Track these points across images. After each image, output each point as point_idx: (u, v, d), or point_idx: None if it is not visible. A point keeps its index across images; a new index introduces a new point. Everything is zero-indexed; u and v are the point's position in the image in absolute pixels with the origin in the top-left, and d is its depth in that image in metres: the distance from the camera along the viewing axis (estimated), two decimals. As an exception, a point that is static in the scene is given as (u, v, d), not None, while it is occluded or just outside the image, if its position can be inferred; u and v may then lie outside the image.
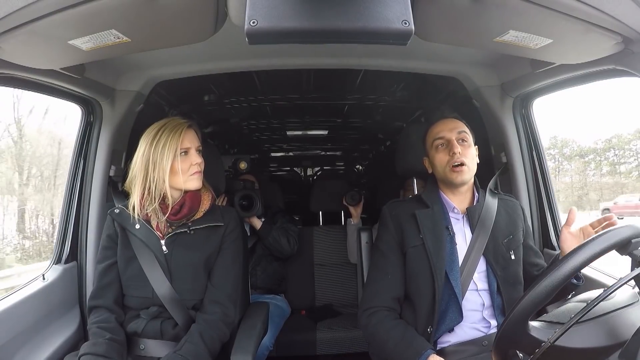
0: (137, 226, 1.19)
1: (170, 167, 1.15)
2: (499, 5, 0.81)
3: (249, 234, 1.96)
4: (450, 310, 1.12)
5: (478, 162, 1.22)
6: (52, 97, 1.28)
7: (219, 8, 0.84)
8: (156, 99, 1.82)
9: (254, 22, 0.64)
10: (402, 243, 1.19)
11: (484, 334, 1.13)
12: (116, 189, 1.52)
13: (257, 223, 2.02)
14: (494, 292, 1.14)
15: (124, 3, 0.77)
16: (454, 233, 1.17)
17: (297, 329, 2.06)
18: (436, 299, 1.10)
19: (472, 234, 1.17)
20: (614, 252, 0.74)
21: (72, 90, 1.29)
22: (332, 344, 2.01)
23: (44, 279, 1.31)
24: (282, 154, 4.06)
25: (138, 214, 1.18)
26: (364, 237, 1.52)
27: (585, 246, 0.71)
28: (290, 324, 2.04)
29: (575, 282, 1.11)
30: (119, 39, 0.88)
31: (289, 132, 3.02)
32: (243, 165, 2.10)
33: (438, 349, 1.13)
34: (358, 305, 1.27)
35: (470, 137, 1.20)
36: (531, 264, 1.24)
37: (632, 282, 0.72)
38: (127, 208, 1.20)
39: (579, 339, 0.70)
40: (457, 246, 1.16)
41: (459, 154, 1.15)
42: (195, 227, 1.21)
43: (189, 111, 2.13)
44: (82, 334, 1.38)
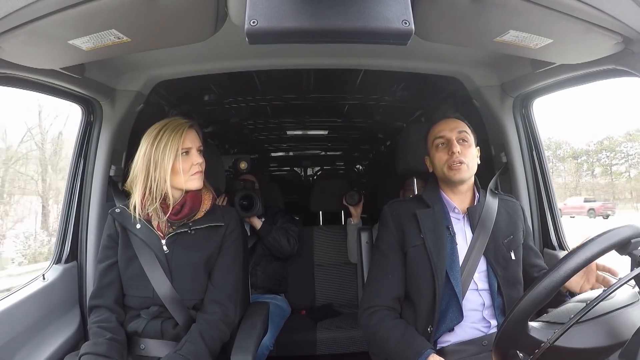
0: (138, 226, 1.19)
1: (172, 167, 1.15)
2: (499, 5, 0.81)
3: (249, 234, 1.96)
4: (450, 310, 1.12)
5: (479, 163, 1.22)
6: (53, 97, 1.28)
7: (219, 8, 0.84)
8: (156, 99, 1.82)
9: (254, 22, 0.64)
10: (403, 243, 1.20)
11: (484, 334, 1.13)
12: (116, 188, 1.52)
13: (257, 223, 2.02)
14: (494, 292, 1.14)
15: (124, 3, 0.77)
16: (454, 233, 1.17)
17: (297, 329, 2.06)
18: (436, 298, 1.10)
19: (473, 234, 1.17)
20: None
21: (72, 90, 1.29)
22: (332, 344, 2.01)
23: (44, 278, 1.31)
24: (282, 153, 4.06)
25: (139, 214, 1.18)
26: (364, 237, 1.52)
27: (585, 246, 0.71)
28: (290, 323, 2.04)
29: None
30: (119, 38, 0.88)
31: (289, 132, 3.02)
32: (243, 165, 2.10)
33: (438, 348, 1.13)
34: (358, 305, 1.27)
35: (471, 138, 1.20)
36: (531, 264, 1.24)
37: (632, 282, 0.72)
38: (128, 208, 1.20)
39: (579, 339, 0.70)
40: (458, 246, 1.16)
41: (457, 153, 1.15)
42: (196, 227, 1.21)
43: (189, 111, 2.13)
44: (82, 334, 1.38)
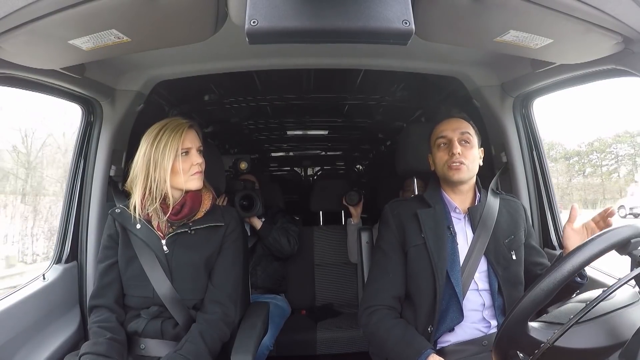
0: (138, 226, 1.19)
1: (172, 167, 1.15)
2: (499, 5, 0.81)
3: (249, 234, 1.95)
4: (450, 309, 1.12)
5: (481, 164, 1.21)
6: (53, 97, 1.28)
7: (219, 8, 0.83)
8: (156, 99, 1.82)
9: (254, 22, 0.64)
10: (404, 242, 1.19)
11: (484, 334, 1.13)
12: (116, 188, 1.52)
13: (258, 223, 2.01)
14: (494, 292, 1.14)
15: (124, 3, 0.77)
16: (455, 233, 1.17)
17: (297, 328, 2.05)
18: (437, 298, 1.10)
19: (474, 233, 1.17)
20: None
21: (72, 90, 1.28)
22: (332, 344, 2.01)
23: (44, 278, 1.31)
24: (282, 153, 4.06)
25: (139, 214, 1.18)
26: (364, 237, 1.52)
27: (584, 246, 0.71)
28: (290, 323, 2.04)
29: (580, 280, 1.11)
30: (119, 38, 0.88)
31: (289, 132, 3.02)
32: (243, 165, 2.10)
33: (438, 348, 1.13)
34: (358, 305, 1.27)
35: (474, 139, 1.20)
36: (534, 263, 1.23)
37: (632, 282, 0.72)
38: (128, 208, 1.20)
39: (579, 339, 0.70)
40: (459, 246, 1.16)
41: (458, 154, 1.15)
42: (196, 227, 1.21)
43: (189, 111, 2.13)
44: (82, 334, 1.38)
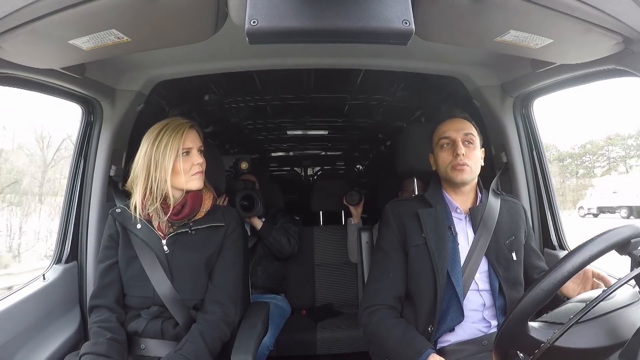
0: (139, 226, 1.19)
1: (172, 167, 1.15)
2: (499, 5, 0.81)
3: (249, 234, 1.96)
4: (451, 309, 1.12)
5: (483, 165, 1.21)
6: (53, 97, 1.28)
7: (219, 8, 0.83)
8: (156, 99, 1.82)
9: (254, 22, 0.65)
10: (405, 242, 1.19)
11: (484, 334, 1.13)
12: (117, 188, 1.52)
13: (258, 223, 2.01)
14: (495, 293, 1.14)
15: (124, 3, 0.77)
16: (456, 233, 1.17)
17: (297, 329, 2.06)
18: (437, 298, 1.10)
19: (475, 234, 1.17)
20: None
21: (72, 90, 1.28)
22: (332, 344, 2.01)
23: (44, 278, 1.31)
24: (282, 153, 4.06)
25: (139, 214, 1.18)
26: (365, 236, 1.52)
27: (584, 246, 0.70)
28: (290, 323, 2.04)
29: None
30: (119, 38, 0.88)
31: (289, 132, 3.02)
32: (244, 165, 2.10)
33: (438, 348, 1.13)
34: (358, 305, 1.27)
35: (477, 140, 1.20)
36: (532, 266, 1.23)
37: (632, 282, 0.72)
38: (129, 208, 1.20)
39: (579, 339, 0.70)
40: (460, 246, 1.16)
41: (462, 155, 1.15)
42: (197, 227, 1.21)
43: (190, 111, 2.13)
44: (82, 334, 1.38)
